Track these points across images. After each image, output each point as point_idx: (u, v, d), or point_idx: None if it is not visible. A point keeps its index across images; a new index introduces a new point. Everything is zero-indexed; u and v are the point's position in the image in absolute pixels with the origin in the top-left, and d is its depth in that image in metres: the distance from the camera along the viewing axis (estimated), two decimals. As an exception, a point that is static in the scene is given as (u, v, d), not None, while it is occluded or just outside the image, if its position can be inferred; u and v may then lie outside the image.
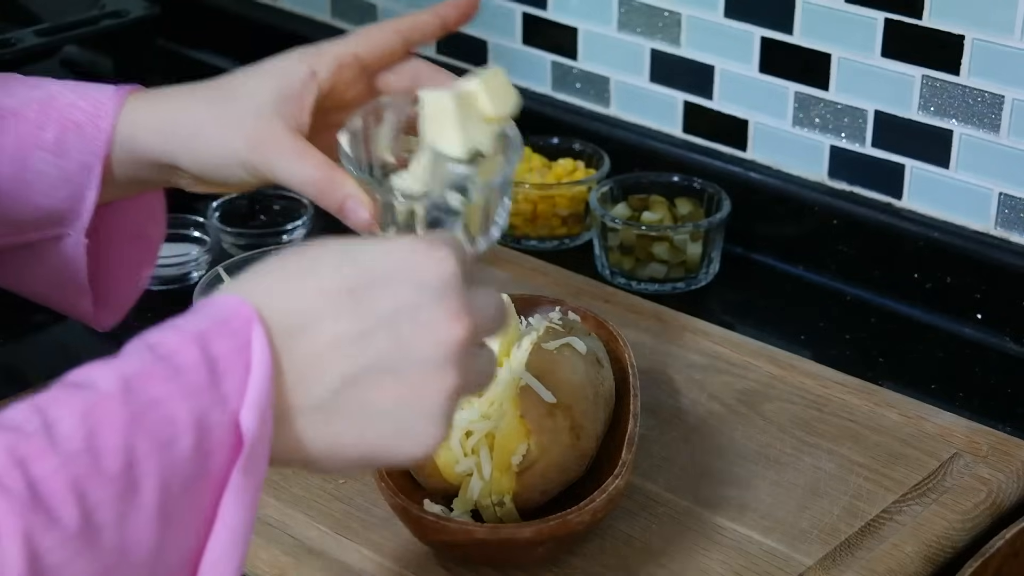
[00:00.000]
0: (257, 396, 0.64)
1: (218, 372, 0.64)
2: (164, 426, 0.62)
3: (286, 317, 0.67)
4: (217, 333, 0.65)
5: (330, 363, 0.67)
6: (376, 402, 0.67)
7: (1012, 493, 1.02)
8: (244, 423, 0.64)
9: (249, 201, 1.36)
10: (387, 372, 0.67)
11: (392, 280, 0.68)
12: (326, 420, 0.67)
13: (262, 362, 0.65)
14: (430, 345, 0.67)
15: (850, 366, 1.15)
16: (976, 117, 1.21)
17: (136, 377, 0.63)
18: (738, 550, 0.96)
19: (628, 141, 1.42)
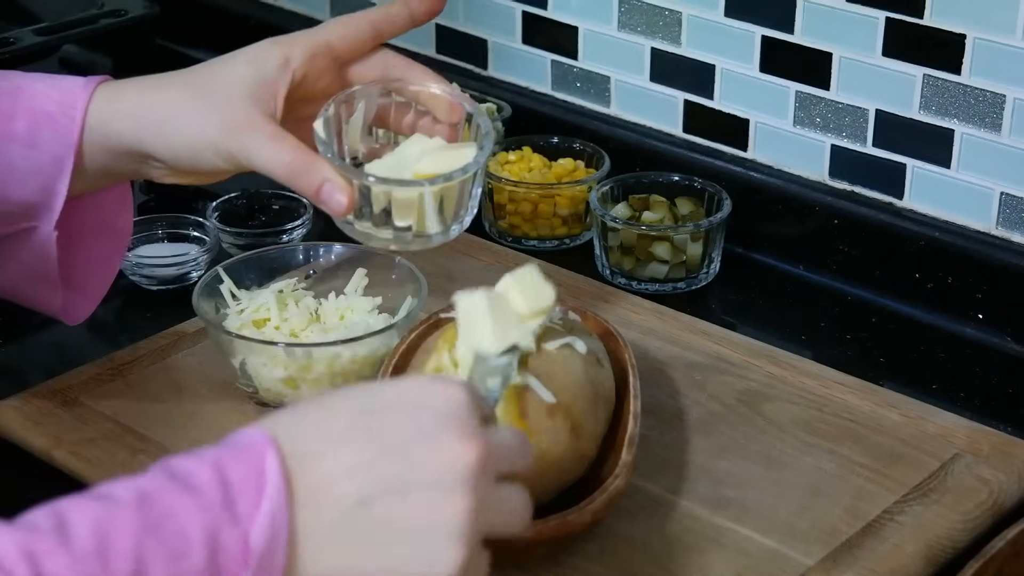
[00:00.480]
0: (269, 515, 0.65)
1: (232, 493, 0.65)
2: (176, 538, 0.63)
3: (301, 444, 0.68)
4: (233, 458, 0.66)
5: (343, 487, 0.67)
6: (389, 525, 0.67)
7: (1013, 493, 1.02)
8: (253, 540, 0.64)
9: (248, 201, 1.36)
10: (399, 494, 0.67)
11: (404, 407, 0.69)
12: (340, 543, 0.67)
13: (275, 484, 0.66)
14: (440, 465, 0.68)
15: (851, 366, 1.15)
16: (977, 117, 1.21)
17: (152, 491, 0.65)
18: (738, 550, 0.95)
19: (628, 141, 1.41)
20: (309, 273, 1.17)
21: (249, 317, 1.10)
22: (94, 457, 1.03)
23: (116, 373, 1.13)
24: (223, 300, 1.12)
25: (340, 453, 0.68)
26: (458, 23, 1.54)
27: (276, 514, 0.65)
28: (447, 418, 0.69)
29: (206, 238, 1.31)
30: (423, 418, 0.69)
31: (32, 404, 1.08)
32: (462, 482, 0.67)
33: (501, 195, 1.35)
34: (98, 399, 1.10)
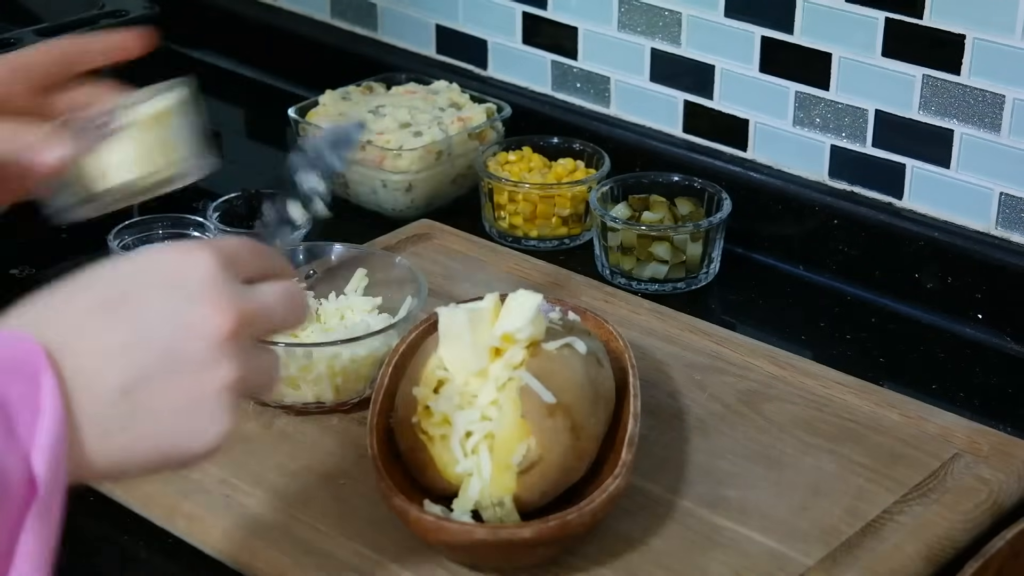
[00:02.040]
0: (49, 439, 0.65)
1: (10, 416, 0.65)
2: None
3: (62, 334, 0.68)
4: (7, 378, 0.66)
5: (104, 377, 0.68)
6: (155, 406, 0.69)
7: (1013, 493, 1.02)
8: (36, 468, 0.65)
9: (248, 201, 1.36)
10: (158, 376, 0.69)
11: (148, 286, 0.70)
12: (111, 432, 0.68)
13: (52, 404, 0.66)
14: (195, 342, 0.69)
15: (851, 366, 1.15)
16: (977, 117, 1.21)
17: None
18: (738, 550, 0.95)
19: (628, 141, 1.42)
20: (309, 273, 1.17)
21: (249, 317, 1.10)
22: (94, 457, 1.03)
23: (116, 373, 1.12)
24: (223, 300, 1.12)
25: (94, 342, 0.68)
26: (458, 23, 1.54)
27: (54, 435, 0.65)
28: (199, 290, 0.70)
29: (206, 238, 1.31)
30: (168, 296, 0.70)
31: None
32: (219, 354, 0.69)
33: (501, 195, 1.35)
34: (98, 399, 1.09)
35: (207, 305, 0.70)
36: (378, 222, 1.37)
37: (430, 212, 1.39)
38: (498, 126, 1.43)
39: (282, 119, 1.45)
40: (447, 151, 1.38)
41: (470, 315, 0.93)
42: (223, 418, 0.70)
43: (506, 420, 0.92)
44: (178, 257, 0.72)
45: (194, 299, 0.70)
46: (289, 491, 1.00)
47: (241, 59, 1.72)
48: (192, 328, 0.69)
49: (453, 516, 0.93)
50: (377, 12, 1.61)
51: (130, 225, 1.30)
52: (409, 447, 0.95)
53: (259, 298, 0.73)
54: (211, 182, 1.49)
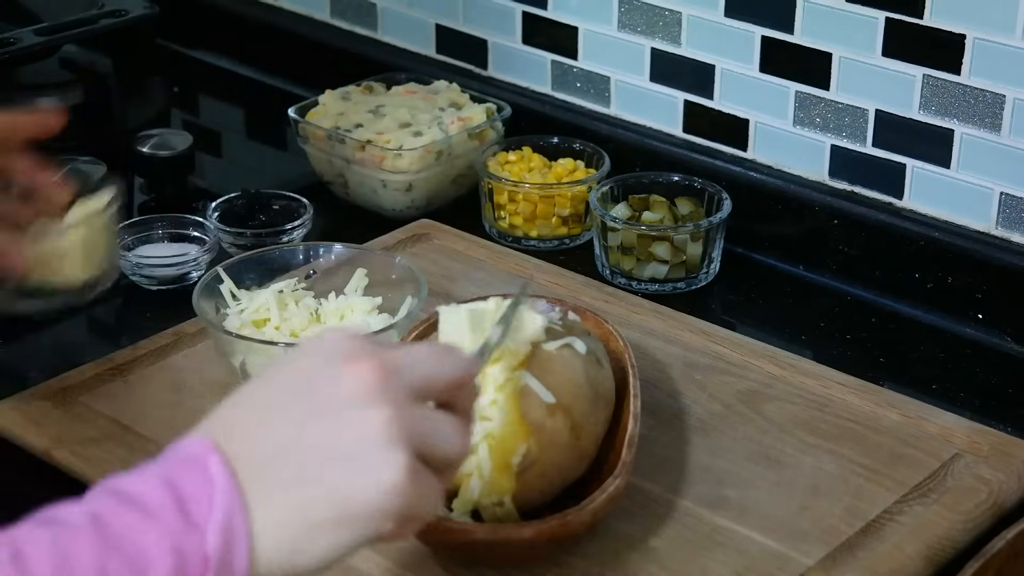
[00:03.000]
0: (222, 515, 0.66)
1: (185, 505, 0.66)
2: (137, 555, 0.64)
3: (231, 431, 0.70)
4: (179, 470, 0.68)
5: (266, 441, 0.69)
6: (319, 455, 0.69)
7: (1013, 493, 1.02)
8: (210, 543, 0.66)
9: (248, 201, 1.36)
10: (317, 426, 0.69)
11: (297, 359, 0.72)
12: (284, 492, 0.68)
13: (223, 485, 0.67)
14: (344, 389, 0.70)
15: (851, 366, 1.15)
16: (977, 117, 1.21)
17: (105, 513, 0.66)
18: (738, 550, 0.95)
19: (628, 141, 1.41)
20: (309, 273, 1.17)
21: (249, 317, 1.10)
22: (94, 457, 1.03)
23: (116, 373, 1.13)
24: (223, 300, 1.12)
25: (257, 427, 0.70)
26: (458, 23, 1.54)
27: (228, 511, 0.67)
28: (338, 351, 0.71)
29: (206, 238, 1.31)
30: (315, 360, 0.71)
31: (32, 404, 1.08)
32: (370, 395, 0.70)
33: (501, 195, 1.35)
34: (98, 399, 1.10)
35: (348, 357, 0.71)
36: (378, 222, 1.37)
37: (430, 212, 1.39)
38: (498, 126, 1.43)
39: (282, 119, 1.45)
40: (447, 151, 1.38)
41: (470, 315, 0.93)
42: (391, 453, 0.69)
43: (506, 420, 0.92)
44: (317, 337, 0.73)
45: (335, 358, 0.71)
46: (289, 491, 1.00)
47: (241, 59, 1.72)
48: (338, 379, 0.70)
49: (453, 516, 0.93)
50: (377, 12, 1.61)
51: (130, 225, 1.30)
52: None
53: (400, 352, 0.73)
54: (211, 182, 1.50)
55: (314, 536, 0.69)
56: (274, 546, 0.68)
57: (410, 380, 0.72)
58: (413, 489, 0.69)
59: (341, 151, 1.39)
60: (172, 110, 1.60)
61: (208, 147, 1.57)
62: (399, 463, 0.69)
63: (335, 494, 0.68)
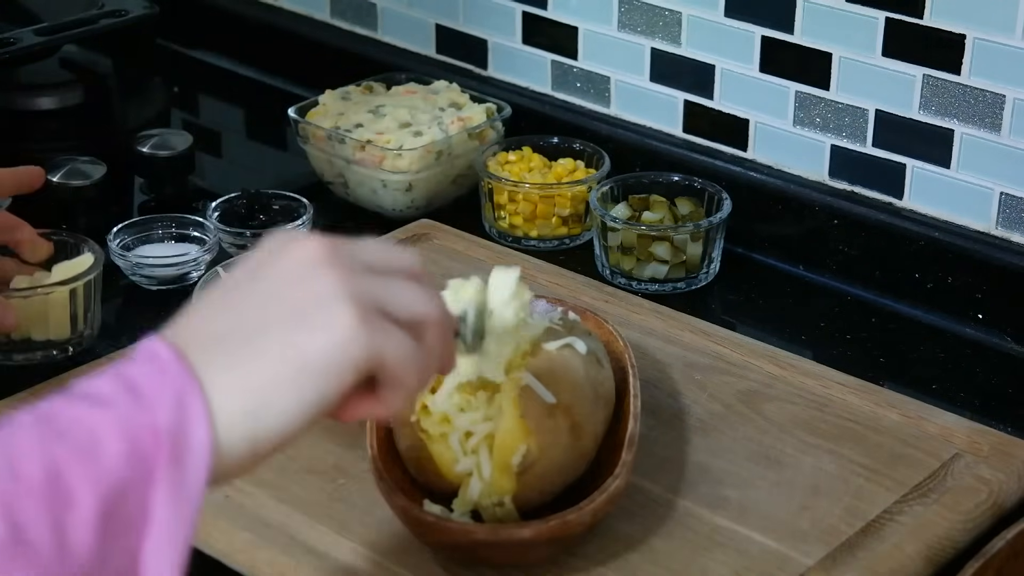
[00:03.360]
0: (171, 391, 0.66)
1: (135, 386, 0.66)
2: (84, 437, 0.64)
3: (184, 324, 0.71)
4: (129, 363, 0.68)
5: (212, 317, 0.70)
6: (262, 318, 0.69)
7: (1013, 493, 1.02)
8: (160, 418, 0.65)
9: (248, 201, 1.36)
10: (260, 296, 0.70)
11: (247, 258, 0.74)
12: (230, 357, 0.68)
13: (171, 365, 0.67)
14: (290, 262, 0.70)
15: (851, 366, 1.15)
16: (977, 117, 1.21)
17: (52, 406, 0.66)
18: (738, 550, 0.95)
19: (628, 141, 1.41)
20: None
21: (249, 317, 1.10)
22: (94, 457, 1.03)
23: (116, 373, 1.13)
24: (223, 300, 1.12)
25: (209, 306, 0.72)
26: (458, 23, 1.54)
27: (179, 386, 0.66)
28: (284, 239, 0.72)
29: (206, 238, 1.31)
30: (262, 251, 0.72)
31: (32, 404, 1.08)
32: (317, 262, 0.70)
33: (501, 195, 1.35)
34: (98, 399, 1.10)
35: (294, 241, 0.72)
36: (378, 222, 1.37)
37: (430, 212, 1.39)
38: (498, 126, 1.43)
39: (282, 119, 1.45)
40: (447, 151, 1.38)
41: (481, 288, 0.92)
42: (342, 311, 0.69)
43: (506, 420, 0.92)
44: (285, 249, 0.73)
45: (283, 244, 0.72)
46: (289, 491, 1.00)
47: (241, 59, 1.72)
48: (285, 257, 0.71)
49: (453, 516, 0.93)
50: (377, 12, 1.61)
51: (129, 225, 1.30)
52: (409, 446, 0.95)
53: (361, 247, 0.74)
54: (211, 182, 1.50)
55: (273, 395, 0.68)
56: (234, 411, 0.67)
57: (360, 254, 0.72)
58: (370, 338, 0.69)
59: (341, 151, 1.39)
60: (172, 110, 1.60)
61: (208, 147, 1.58)
62: (350, 313, 0.69)
63: (287, 351, 0.68)
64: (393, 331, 0.70)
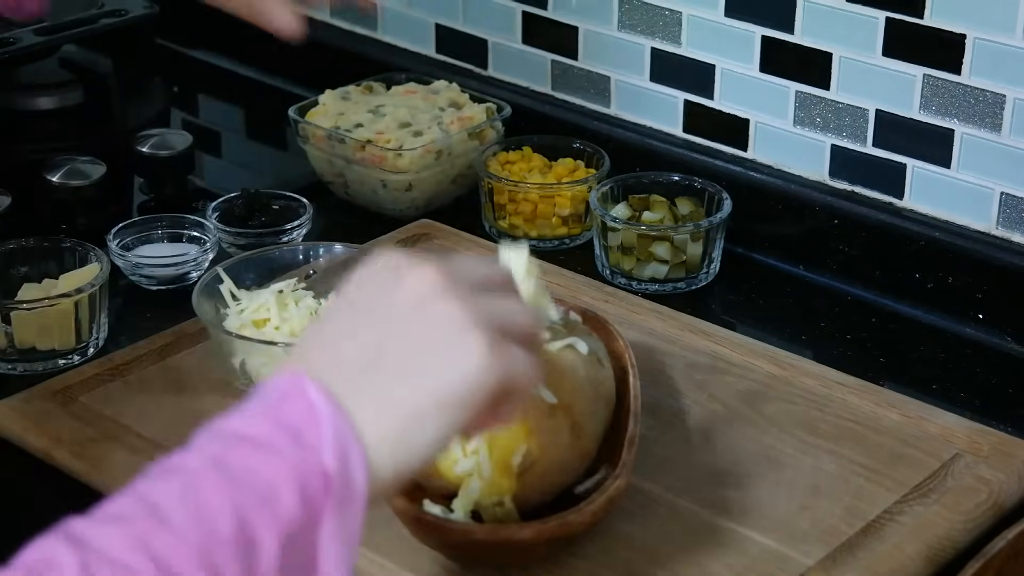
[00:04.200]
0: (333, 434, 0.68)
1: (295, 430, 0.68)
2: (263, 485, 0.66)
3: (316, 357, 0.72)
4: (277, 403, 0.69)
5: (346, 352, 0.71)
6: (406, 356, 0.70)
7: (1013, 493, 1.01)
8: (327, 461, 0.67)
9: (248, 201, 1.36)
10: (390, 329, 0.71)
11: (358, 284, 0.75)
12: (373, 393, 0.70)
13: (325, 406, 0.68)
14: (411, 292, 0.72)
15: (851, 366, 1.15)
16: (977, 117, 1.21)
17: (222, 454, 0.67)
18: (738, 550, 0.95)
19: (628, 141, 1.41)
20: (309, 273, 1.17)
21: (249, 317, 1.10)
22: (94, 457, 1.03)
23: (116, 373, 1.13)
24: (223, 300, 1.12)
25: (339, 343, 0.72)
26: (458, 23, 1.54)
27: (337, 427, 0.68)
28: (393, 265, 0.73)
29: (206, 238, 1.31)
30: (375, 279, 0.73)
31: (32, 404, 1.08)
32: (437, 292, 0.71)
33: (501, 195, 1.35)
34: (98, 399, 1.10)
35: (407, 267, 0.73)
36: (378, 222, 1.37)
37: (430, 212, 1.39)
38: (498, 126, 1.43)
39: (282, 119, 1.45)
40: (447, 151, 1.38)
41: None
42: (472, 335, 0.70)
43: (506, 420, 0.91)
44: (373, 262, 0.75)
45: (394, 271, 0.73)
46: (289, 491, 1.00)
47: (241, 59, 1.71)
48: (403, 285, 0.72)
49: (453, 516, 0.93)
50: (377, 12, 1.61)
51: (129, 225, 1.30)
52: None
53: (456, 259, 0.75)
54: (211, 182, 1.50)
55: (419, 427, 0.70)
56: (385, 447, 0.69)
57: (468, 275, 0.74)
58: (501, 361, 0.71)
59: (341, 151, 1.39)
60: (172, 110, 1.60)
61: (208, 147, 1.57)
62: (481, 341, 0.70)
63: (430, 384, 0.70)
64: (517, 352, 0.73)
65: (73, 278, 1.17)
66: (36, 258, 1.22)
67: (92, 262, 1.19)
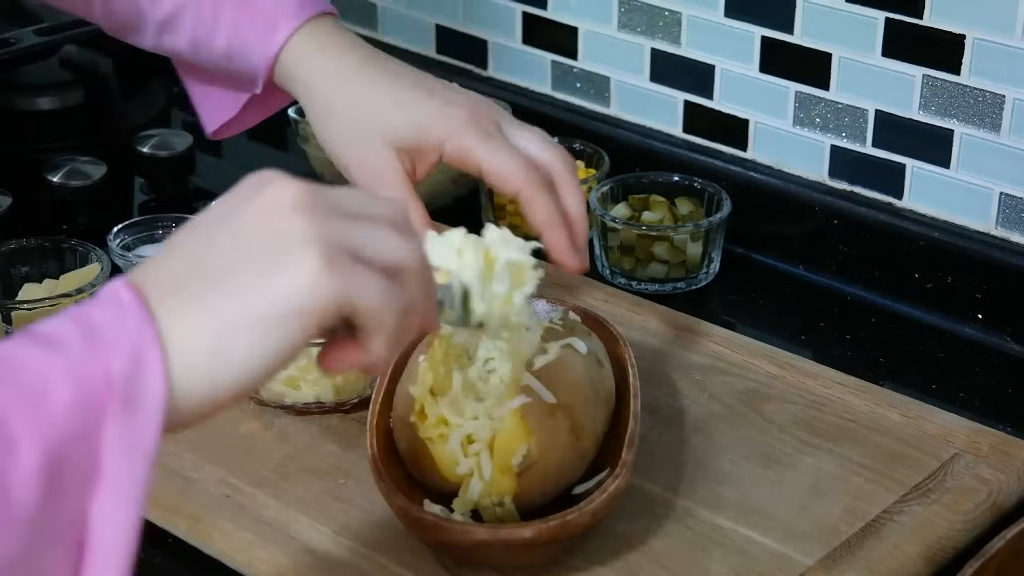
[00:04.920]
0: (128, 338, 0.64)
1: (93, 331, 0.64)
2: (33, 382, 0.62)
3: (149, 265, 0.69)
4: (90, 305, 0.66)
5: (176, 259, 0.68)
6: (224, 261, 0.67)
7: (1013, 493, 1.02)
8: (114, 366, 0.63)
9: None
10: (225, 238, 0.68)
11: (223, 198, 0.71)
12: (188, 301, 0.66)
13: (131, 309, 0.65)
14: (259, 203, 0.68)
15: (850, 366, 1.15)
16: (977, 117, 1.21)
17: (6, 350, 0.63)
18: (738, 550, 0.95)
19: (628, 141, 1.42)
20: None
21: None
22: (94, 457, 1.03)
23: (116, 373, 1.13)
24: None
25: (175, 248, 0.69)
26: (458, 23, 1.54)
27: (136, 332, 0.64)
28: (260, 181, 0.70)
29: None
30: (236, 192, 0.70)
31: None
32: (287, 205, 0.67)
33: (501, 195, 1.35)
34: (98, 399, 1.10)
35: (268, 183, 0.69)
36: (378, 222, 1.37)
37: (430, 212, 1.38)
38: (498, 126, 1.43)
39: (282, 119, 1.45)
40: (447, 151, 1.38)
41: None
42: (306, 255, 0.66)
43: (506, 420, 0.92)
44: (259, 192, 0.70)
45: (256, 187, 0.70)
46: (289, 491, 1.00)
47: (241, 59, 1.71)
48: (256, 200, 0.68)
49: (453, 516, 0.93)
50: (377, 12, 1.61)
51: (130, 225, 1.30)
52: (409, 447, 0.95)
53: (333, 190, 0.71)
54: (211, 182, 1.50)
55: (234, 340, 0.66)
56: (193, 356, 0.65)
57: (338, 200, 0.70)
58: (337, 281, 0.66)
59: (341, 151, 1.39)
60: (172, 110, 1.60)
61: (208, 147, 1.57)
62: (315, 256, 0.66)
63: (248, 294, 0.66)
64: (364, 274, 0.67)
65: (74, 278, 1.17)
66: (37, 258, 1.22)
67: (93, 262, 1.19)
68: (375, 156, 1.07)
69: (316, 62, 1.11)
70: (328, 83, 1.10)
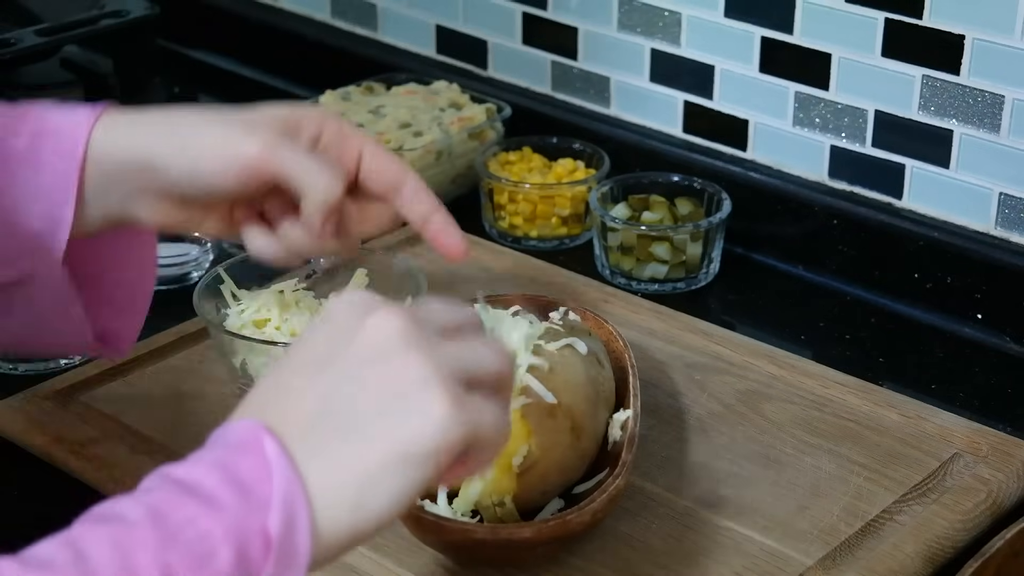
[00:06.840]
0: (281, 493, 0.65)
1: (245, 486, 0.65)
2: (199, 543, 0.63)
3: (272, 406, 0.69)
4: (232, 454, 0.67)
5: (301, 403, 0.68)
6: (356, 407, 0.68)
7: (1012, 493, 1.02)
8: (271, 523, 0.65)
9: (249, 201, 1.36)
10: (348, 381, 0.68)
11: (319, 327, 0.71)
12: (326, 451, 0.67)
13: (279, 463, 0.66)
14: (370, 342, 0.69)
15: (850, 366, 1.15)
16: (976, 117, 1.21)
17: (163, 504, 0.64)
18: (738, 550, 0.95)
19: (628, 141, 1.42)
20: (310, 273, 1.17)
21: (250, 317, 1.10)
22: (94, 457, 1.03)
23: (116, 373, 1.13)
24: (224, 300, 1.12)
25: (293, 388, 0.69)
26: (458, 23, 1.54)
27: (287, 487, 0.65)
28: (355, 310, 0.70)
29: (207, 238, 1.31)
30: (335, 323, 0.70)
31: (32, 404, 1.08)
32: (398, 340, 0.68)
33: (501, 195, 1.35)
34: (98, 399, 1.10)
35: (368, 314, 0.70)
36: (378, 222, 1.37)
37: (430, 212, 1.39)
38: (498, 126, 1.43)
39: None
40: (447, 151, 1.39)
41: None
42: (434, 391, 0.67)
43: (506, 420, 0.92)
44: (335, 304, 0.72)
45: (355, 316, 0.70)
46: (289, 491, 1.00)
47: (241, 59, 1.72)
48: (362, 334, 0.69)
49: (453, 516, 0.93)
50: (377, 12, 1.61)
51: (130, 225, 1.30)
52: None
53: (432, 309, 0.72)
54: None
55: (372, 488, 0.67)
56: (334, 509, 0.66)
57: (434, 321, 0.71)
58: (465, 417, 0.68)
59: (341, 151, 1.39)
60: (172, 110, 1.60)
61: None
62: (443, 396, 0.67)
63: (385, 442, 0.67)
64: (484, 405, 0.70)
65: None
66: None
67: None
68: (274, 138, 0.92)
69: (141, 113, 0.94)
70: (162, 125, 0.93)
